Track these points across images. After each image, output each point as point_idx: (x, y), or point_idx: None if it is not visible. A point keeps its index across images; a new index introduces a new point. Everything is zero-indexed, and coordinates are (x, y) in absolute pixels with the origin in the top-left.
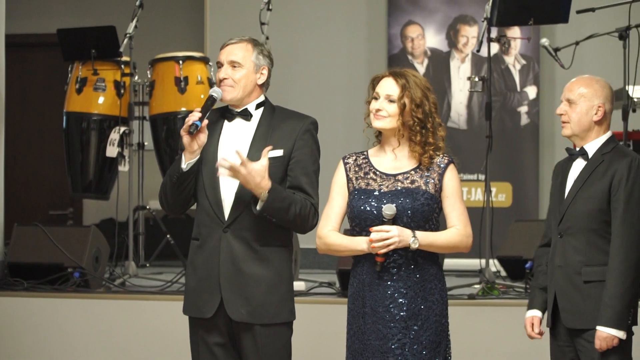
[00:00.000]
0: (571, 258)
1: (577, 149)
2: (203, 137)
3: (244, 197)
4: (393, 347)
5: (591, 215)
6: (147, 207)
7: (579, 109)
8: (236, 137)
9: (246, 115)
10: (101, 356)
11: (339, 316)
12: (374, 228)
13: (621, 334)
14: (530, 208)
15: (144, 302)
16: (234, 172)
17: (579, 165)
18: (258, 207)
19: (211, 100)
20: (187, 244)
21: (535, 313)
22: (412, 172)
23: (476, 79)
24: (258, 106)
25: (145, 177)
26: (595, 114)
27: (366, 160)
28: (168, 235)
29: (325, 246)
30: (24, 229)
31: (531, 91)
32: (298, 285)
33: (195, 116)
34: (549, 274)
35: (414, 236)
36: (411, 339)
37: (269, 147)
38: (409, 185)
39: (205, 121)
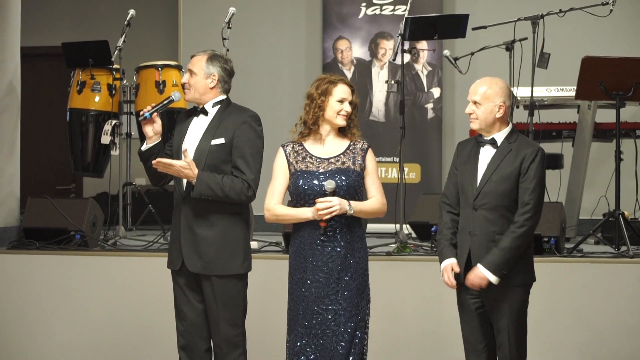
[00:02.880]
0: (485, 228)
1: (486, 138)
2: (157, 127)
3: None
4: (329, 293)
5: (504, 193)
6: (134, 183)
7: (483, 109)
8: (196, 130)
9: (204, 112)
10: (97, 301)
11: (284, 268)
12: (320, 199)
13: (493, 279)
14: (434, 183)
15: (132, 258)
16: (163, 167)
17: (488, 151)
18: (193, 191)
19: (169, 99)
20: (166, 212)
21: (452, 260)
22: (341, 155)
23: (392, 82)
24: (215, 104)
25: (132, 160)
26: (498, 111)
27: (302, 147)
28: (150, 206)
29: (273, 217)
30: (35, 201)
31: (436, 92)
32: (252, 245)
33: (146, 109)
34: (460, 239)
35: (349, 204)
36: (343, 287)
37: (185, 149)
38: (341, 165)
39: (155, 114)
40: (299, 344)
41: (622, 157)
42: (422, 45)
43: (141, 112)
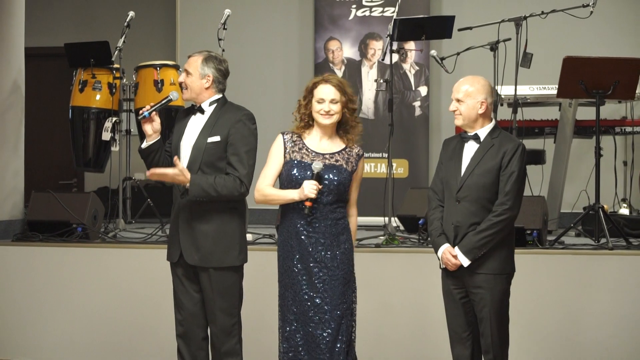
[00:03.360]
0: (468, 220)
1: (469, 134)
2: (156, 125)
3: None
4: (316, 281)
5: (485, 186)
6: (133, 178)
7: (466, 106)
8: (193, 128)
9: (201, 110)
10: (98, 290)
11: (276, 260)
12: (307, 181)
13: (465, 262)
14: (421, 178)
15: (131, 249)
16: (158, 177)
17: (471, 146)
18: (188, 195)
19: (167, 99)
20: (164, 206)
21: (447, 245)
22: (336, 154)
23: (381, 81)
24: (212, 103)
25: (131, 156)
26: (480, 107)
27: (299, 139)
28: (148, 199)
29: (262, 197)
30: (39, 195)
31: (423, 90)
32: (246, 237)
33: (145, 108)
34: (444, 229)
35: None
36: (330, 276)
37: (175, 158)
38: (334, 162)
39: (154, 113)
40: (288, 329)
41: (602, 153)
42: (410, 45)
43: (140, 112)
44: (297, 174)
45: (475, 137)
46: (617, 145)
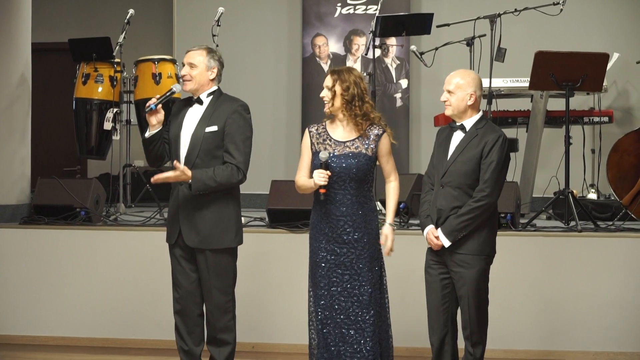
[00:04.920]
0: (450, 203)
1: (458, 124)
2: (160, 116)
3: (188, 163)
4: (345, 261)
5: (467, 173)
6: (133, 164)
7: (456, 97)
8: (192, 118)
9: (200, 101)
10: (100, 270)
11: (267, 241)
12: (316, 171)
13: (446, 243)
14: (402, 165)
15: (131, 232)
16: (162, 181)
17: (458, 135)
18: (191, 190)
19: (170, 91)
20: (162, 191)
21: (431, 226)
22: (356, 140)
23: (364, 74)
24: (210, 95)
25: (131, 144)
26: (469, 99)
27: (324, 129)
28: (147, 185)
29: (297, 188)
30: (45, 181)
31: (404, 83)
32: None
33: (152, 101)
34: (431, 212)
35: (390, 225)
36: (357, 255)
37: (175, 161)
38: (354, 150)
39: (159, 105)
40: (318, 303)
41: (571, 142)
42: (392, 41)
43: (147, 104)
44: (316, 162)
45: (462, 127)
46: (585, 134)
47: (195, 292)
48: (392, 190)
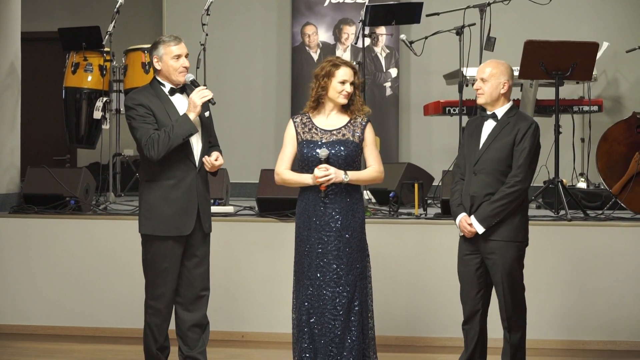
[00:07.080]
0: (483, 190)
1: (489, 113)
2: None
3: (203, 153)
4: (332, 249)
5: (500, 160)
6: (122, 154)
7: (490, 85)
8: (182, 106)
9: (183, 90)
10: (90, 258)
11: (256, 229)
12: (319, 166)
13: (480, 229)
14: (392, 154)
15: (120, 221)
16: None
17: (490, 124)
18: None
19: (195, 81)
20: None
21: (464, 214)
22: (343, 128)
23: (354, 63)
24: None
25: (120, 133)
26: (503, 88)
27: (309, 119)
28: (137, 174)
29: (281, 180)
30: (34, 170)
31: (393, 72)
32: (228, 209)
33: (211, 95)
34: (463, 200)
35: (345, 174)
36: (344, 244)
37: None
38: (341, 137)
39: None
40: (304, 293)
41: (561, 131)
42: (381, 30)
43: (207, 96)
44: (307, 153)
45: (494, 116)
46: (575, 123)
47: (174, 289)
48: (370, 169)
